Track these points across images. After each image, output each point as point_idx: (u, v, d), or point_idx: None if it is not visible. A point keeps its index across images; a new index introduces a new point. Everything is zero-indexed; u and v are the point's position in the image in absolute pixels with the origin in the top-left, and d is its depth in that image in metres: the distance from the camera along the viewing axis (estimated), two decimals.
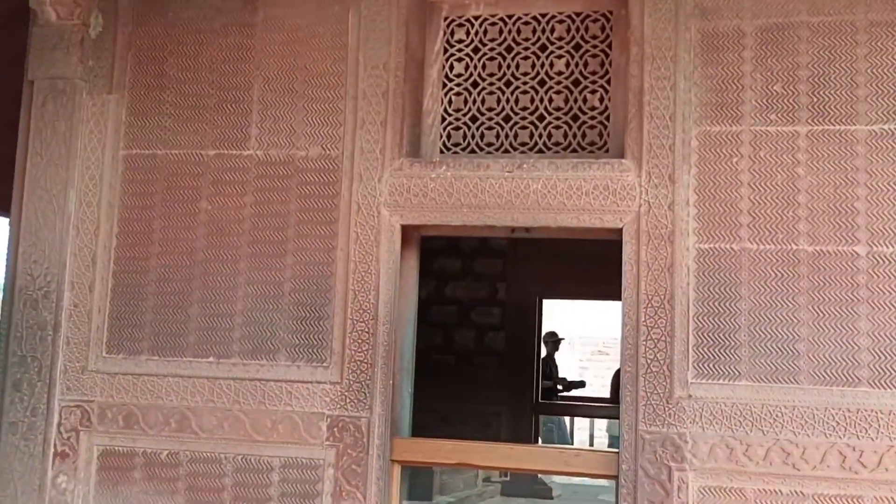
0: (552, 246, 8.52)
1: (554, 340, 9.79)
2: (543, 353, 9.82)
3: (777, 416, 3.86)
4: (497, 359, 8.55)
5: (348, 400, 4.25)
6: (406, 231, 4.42)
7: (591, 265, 8.37)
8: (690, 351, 3.97)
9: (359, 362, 4.26)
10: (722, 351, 3.95)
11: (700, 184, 4.03)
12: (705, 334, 3.97)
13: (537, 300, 8.56)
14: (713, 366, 3.95)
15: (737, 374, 3.93)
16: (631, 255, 4.08)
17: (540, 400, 8.62)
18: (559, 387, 9.59)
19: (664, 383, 3.97)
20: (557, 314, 10.96)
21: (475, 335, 8.69)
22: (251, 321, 4.41)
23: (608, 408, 8.70)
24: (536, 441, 8.53)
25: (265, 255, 4.43)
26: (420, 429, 8.67)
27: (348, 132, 4.41)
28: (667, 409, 3.95)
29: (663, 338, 3.98)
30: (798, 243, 3.92)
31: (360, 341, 4.27)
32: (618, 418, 4.15)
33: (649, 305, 4.01)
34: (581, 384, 9.51)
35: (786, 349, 3.89)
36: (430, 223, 4.32)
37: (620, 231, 4.11)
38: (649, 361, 3.99)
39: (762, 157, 3.99)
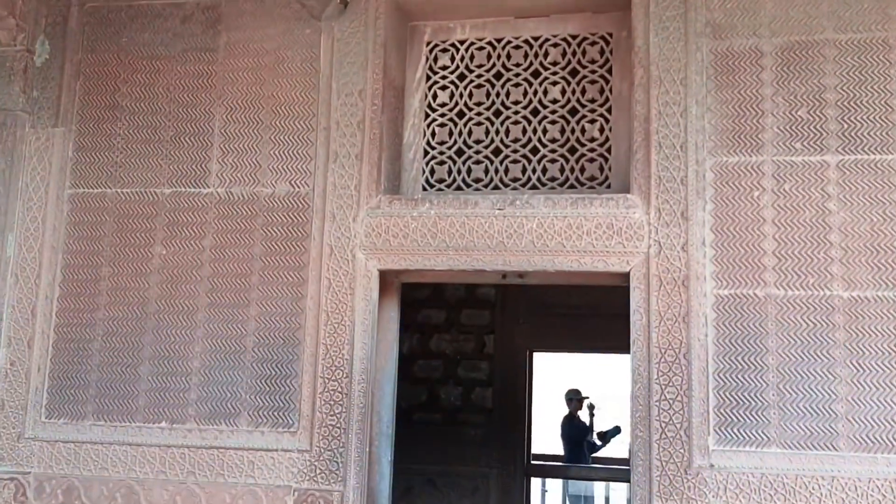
0: (544, 295, 8.03)
1: (578, 398, 9.23)
2: (566, 411, 9.30)
3: (814, 488, 3.34)
4: (485, 417, 7.99)
5: (318, 470, 3.71)
6: (385, 277, 3.93)
7: (586, 316, 7.90)
8: (711, 413, 3.47)
9: (331, 427, 3.73)
10: (748, 413, 3.44)
11: (717, 221, 3.57)
12: (728, 393, 3.47)
13: (528, 353, 8.04)
14: (738, 430, 3.44)
15: (765, 439, 3.42)
16: (640, 303, 3.59)
17: (530, 462, 8.05)
18: (598, 442, 9.03)
19: (681, 451, 3.45)
20: (550, 369, 10.42)
21: (462, 391, 8.13)
22: (209, 381, 3.88)
23: (612, 470, 8.16)
24: None
25: (226, 306, 3.92)
26: (404, 493, 8.07)
27: (320, 167, 3.93)
28: (685, 480, 3.43)
29: (679, 397, 3.48)
30: (832, 288, 3.45)
31: (332, 402, 3.74)
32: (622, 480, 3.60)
33: (662, 360, 3.52)
34: (616, 430, 8.95)
35: (821, 410, 3.39)
36: (411, 268, 3.83)
37: (627, 275, 3.63)
38: (664, 425, 3.48)
39: (787, 191, 3.53)
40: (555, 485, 9.20)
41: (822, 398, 3.40)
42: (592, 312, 7.87)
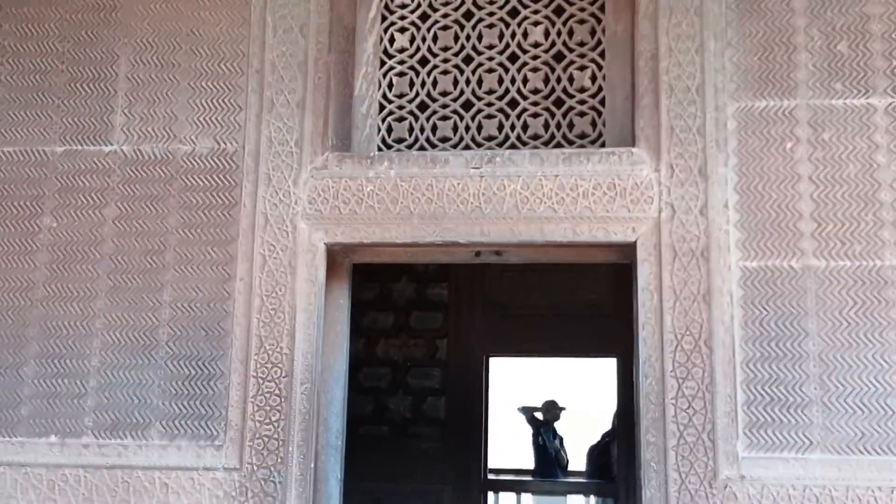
0: (501, 295, 7.36)
1: (551, 409, 8.52)
2: (536, 423, 8.59)
3: (870, 502, 2.70)
4: (438, 429, 7.27)
5: (250, 493, 2.96)
6: (333, 255, 3.20)
7: (547, 317, 7.25)
8: (739, 412, 2.81)
9: (266, 438, 2.98)
10: (785, 411, 2.80)
11: (742, 179, 2.93)
12: (759, 388, 2.82)
13: (484, 358, 7.34)
14: (773, 433, 2.79)
15: (807, 442, 2.77)
16: (650, 280, 2.92)
17: (487, 476, 7.35)
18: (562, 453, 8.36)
19: (704, 459, 2.79)
20: (506, 376, 9.73)
21: (412, 402, 7.40)
22: (111, 383, 3.10)
23: (575, 484, 7.47)
24: None
25: (133, 290, 3.15)
26: None
27: (251, 118, 3.19)
28: (710, 496, 2.77)
29: (700, 393, 2.82)
30: (883, 257, 2.83)
31: (267, 409, 2.99)
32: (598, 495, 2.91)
33: (679, 348, 2.85)
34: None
35: (875, 406, 2.76)
36: (366, 241, 3.11)
37: (633, 247, 2.96)
38: (682, 428, 2.81)
39: (826, 141, 2.91)
40: (512, 501, 8.55)
41: (875, 391, 2.77)
42: (555, 312, 7.26)
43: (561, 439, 8.48)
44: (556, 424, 8.57)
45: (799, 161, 2.90)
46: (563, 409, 8.66)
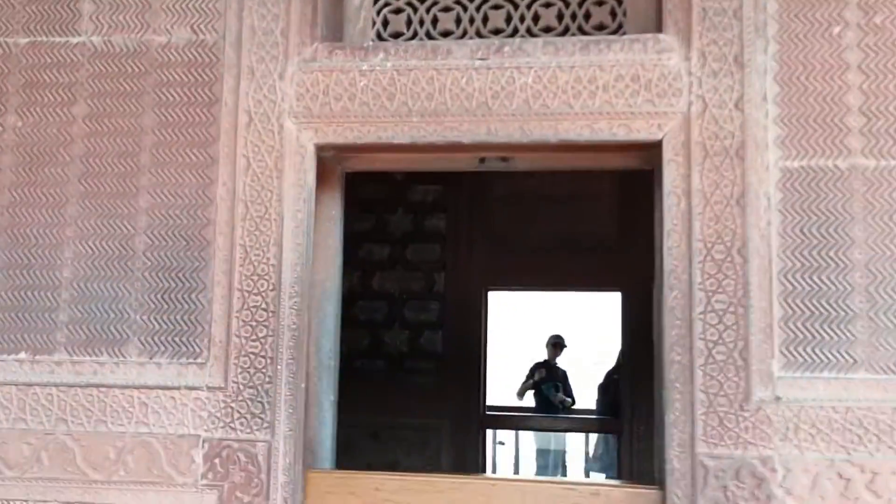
0: (501, 225, 7.08)
1: (555, 344, 8.25)
2: (541, 357, 8.33)
3: None
4: (435, 363, 7.04)
5: (237, 414, 2.70)
6: (324, 159, 2.90)
7: (549, 249, 6.99)
8: (776, 327, 2.54)
9: (253, 356, 2.71)
10: (826, 326, 2.53)
11: (784, 68, 2.62)
12: (798, 301, 2.55)
13: (483, 292, 7.08)
14: (813, 350, 2.53)
15: (851, 361, 2.51)
16: (676, 182, 2.63)
17: (486, 412, 7.14)
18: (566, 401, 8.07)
19: (735, 379, 2.53)
20: (505, 309, 9.47)
21: (409, 336, 7.16)
22: (85, 296, 2.82)
23: (577, 420, 7.25)
24: (484, 461, 7.06)
25: (107, 196, 2.85)
26: (342, 448, 7.10)
27: (232, 5, 2.87)
28: (741, 419, 2.51)
29: (732, 308, 2.55)
30: None
31: (254, 323, 2.72)
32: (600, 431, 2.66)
33: (709, 258, 2.57)
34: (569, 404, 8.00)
35: None
36: (360, 141, 2.80)
37: (659, 145, 2.66)
38: (710, 346, 2.54)
39: (879, 26, 2.60)
40: (511, 437, 8.36)
41: None
42: (557, 245, 6.99)
43: (565, 374, 8.26)
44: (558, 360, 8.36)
45: (847, 48, 2.59)
46: (565, 346, 8.42)
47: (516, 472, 8.68)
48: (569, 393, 7.97)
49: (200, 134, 2.83)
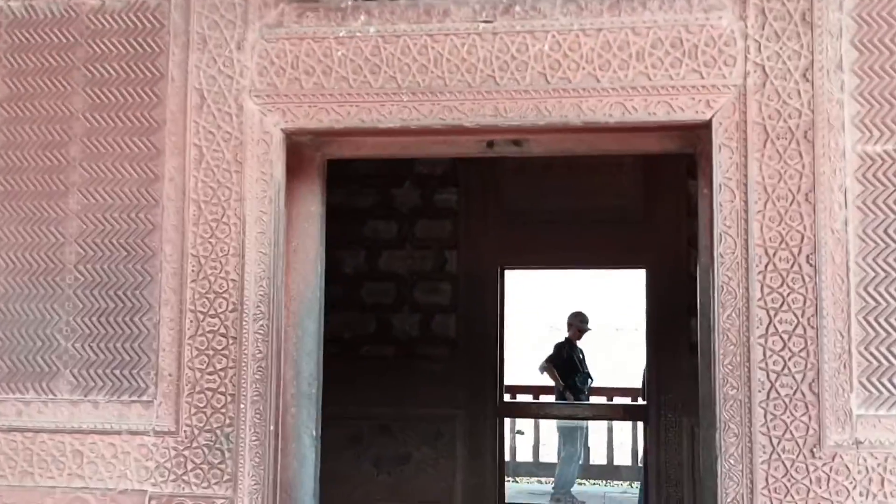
0: (517, 200, 6.54)
1: (580, 325, 7.69)
2: (561, 338, 7.78)
3: None
4: (448, 348, 6.55)
5: (191, 465, 2.23)
6: (298, 147, 2.40)
7: (569, 223, 6.44)
8: (854, 353, 2.04)
9: (210, 393, 2.23)
10: None
11: (864, 29, 2.08)
12: (883, 321, 2.04)
13: (498, 271, 6.57)
14: None
15: None
16: (729, 172, 2.10)
17: (503, 400, 6.66)
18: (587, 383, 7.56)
19: (805, 419, 2.02)
20: (526, 290, 8.95)
21: (419, 319, 6.67)
22: (5, 319, 2.34)
23: (599, 407, 6.72)
24: (501, 452, 6.58)
25: (29, 196, 2.36)
26: (351, 442, 6.67)
27: None
28: (812, 468, 2.01)
29: (800, 329, 2.04)
30: None
31: (210, 353, 2.24)
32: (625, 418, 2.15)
33: (770, 267, 2.05)
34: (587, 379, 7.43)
35: None
36: (337, 126, 2.29)
37: (707, 126, 2.13)
38: (774, 377, 2.04)
39: None
40: (530, 426, 7.88)
41: None
42: (577, 219, 6.44)
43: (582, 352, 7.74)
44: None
45: None
46: (589, 329, 7.85)
47: (536, 460, 8.25)
48: (587, 374, 7.47)
49: (142, 118, 2.33)
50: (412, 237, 6.73)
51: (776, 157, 2.06)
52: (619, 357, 8.38)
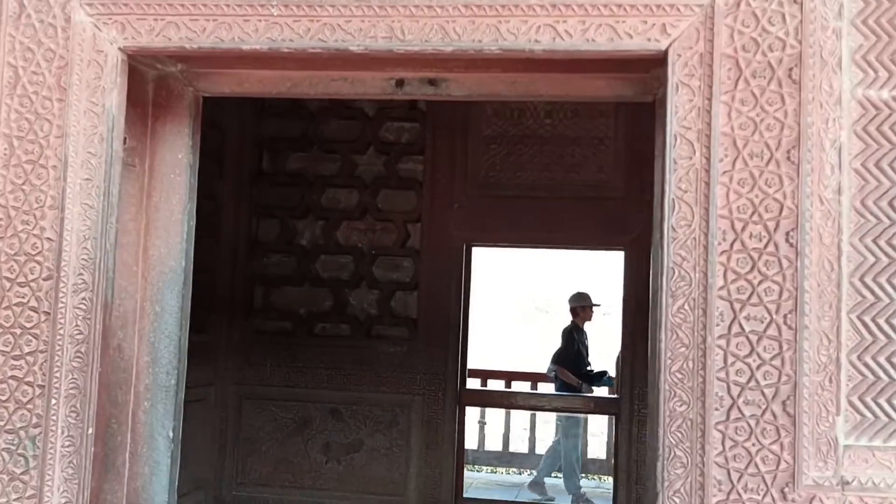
0: (486, 170, 6.04)
1: (586, 306, 7.03)
2: (568, 323, 7.15)
3: None
4: (408, 329, 6.06)
5: None
6: (167, 77, 1.90)
7: (544, 199, 5.95)
8: (844, 363, 1.54)
9: (14, 383, 1.74)
10: None
11: None
12: (883, 321, 1.54)
13: (465, 248, 6.07)
14: None
15: None
16: (687, 119, 1.60)
17: (465, 387, 6.18)
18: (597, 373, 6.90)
19: (776, 447, 1.53)
20: (494, 268, 8.39)
21: (378, 297, 6.17)
22: None
23: (569, 399, 6.20)
24: (461, 443, 6.10)
25: None
26: (300, 427, 6.18)
27: None
28: None
29: (774, 329, 1.54)
30: None
31: (17, 331, 1.74)
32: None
33: (737, 246, 1.56)
34: (603, 376, 6.71)
35: None
36: (189, 46, 1.77)
37: (663, 59, 1.63)
38: (737, 390, 1.54)
39: None
40: (499, 416, 7.36)
41: None
42: (553, 194, 5.94)
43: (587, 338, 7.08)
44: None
45: None
46: (597, 305, 7.15)
47: (506, 449, 7.74)
48: (605, 373, 6.84)
49: None
50: (374, 208, 6.22)
51: (751, 101, 1.56)
52: (605, 345, 7.83)
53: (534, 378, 8.27)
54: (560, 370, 6.98)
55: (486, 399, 6.08)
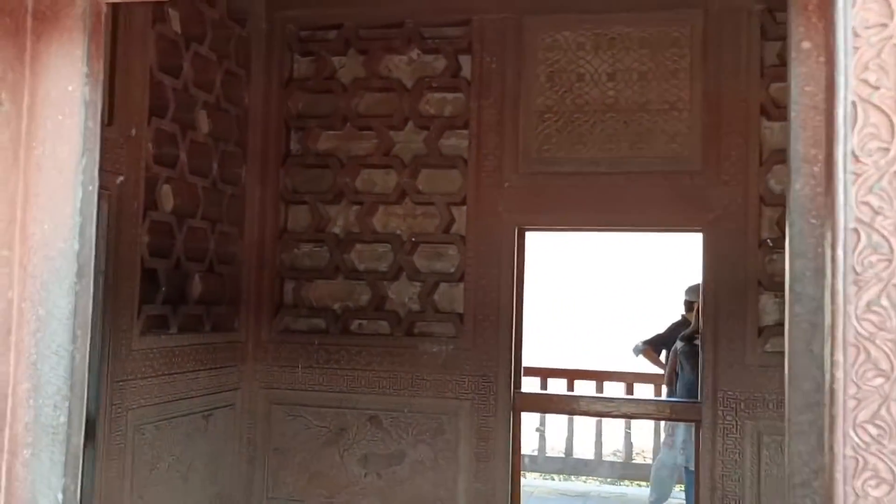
0: (541, 145, 5.31)
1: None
2: (678, 317, 6.38)
3: None
4: (455, 326, 5.39)
5: None
6: None
7: (605, 174, 5.22)
8: None
9: None
10: None
11: None
12: None
13: (517, 232, 5.36)
14: None
15: None
16: None
17: (520, 390, 5.45)
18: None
19: None
20: (550, 254, 7.63)
21: (420, 290, 5.51)
22: None
23: (641, 403, 5.40)
24: (517, 455, 5.38)
25: None
26: (336, 436, 5.53)
27: None
28: None
29: None
30: None
31: None
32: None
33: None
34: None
35: None
36: None
37: None
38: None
39: None
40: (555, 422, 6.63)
41: None
42: (617, 169, 5.23)
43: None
44: None
45: None
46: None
47: (569, 455, 7.00)
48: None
49: None
50: (413, 190, 5.54)
51: None
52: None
53: (599, 377, 7.53)
54: (647, 351, 6.26)
55: (543, 404, 5.35)
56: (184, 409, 4.69)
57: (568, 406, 5.33)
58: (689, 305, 6.39)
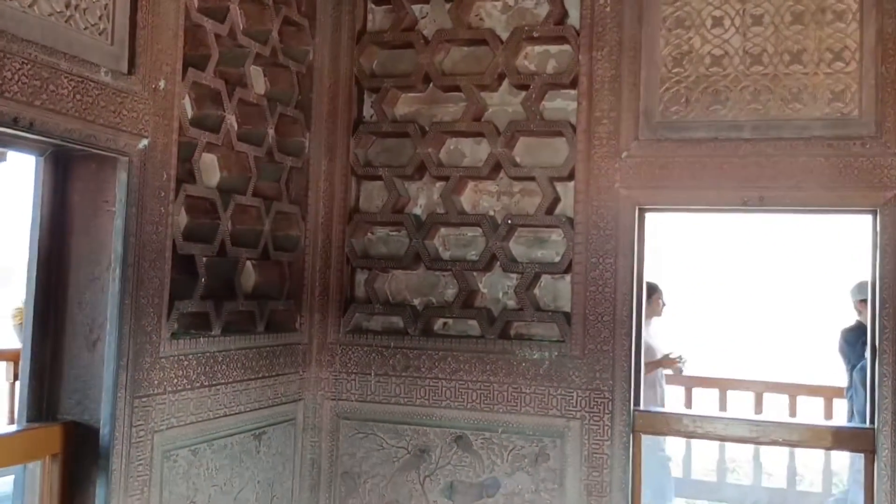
0: (664, 105, 4.29)
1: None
2: (852, 321, 5.45)
3: None
4: (559, 328, 4.41)
5: None
6: None
7: (741, 141, 4.18)
8: None
9: None
10: None
11: None
12: None
13: (637, 213, 4.34)
14: None
15: None
16: None
17: (639, 408, 4.42)
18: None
19: None
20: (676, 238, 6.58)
21: (517, 283, 4.56)
22: None
23: (797, 429, 4.28)
24: (637, 487, 4.37)
25: None
26: (417, 458, 4.48)
27: None
28: None
29: None
30: None
31: None
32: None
33: None
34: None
35: None
36: None
37: None
38: None
39: None
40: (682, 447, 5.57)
41: None
42: (764, 135, 4.20)
43: None
44: None
45: None
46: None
47: (722, 479, 5.92)
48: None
49: None
50: (510, 163, 4.57)
51: None
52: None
53: (755, 387, 6.44)
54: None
55: (671, 425, 4.33)
56: (229, 428, 3.84)
57: (701, 428, 4.31)
58: (861, 305, 5.39)
